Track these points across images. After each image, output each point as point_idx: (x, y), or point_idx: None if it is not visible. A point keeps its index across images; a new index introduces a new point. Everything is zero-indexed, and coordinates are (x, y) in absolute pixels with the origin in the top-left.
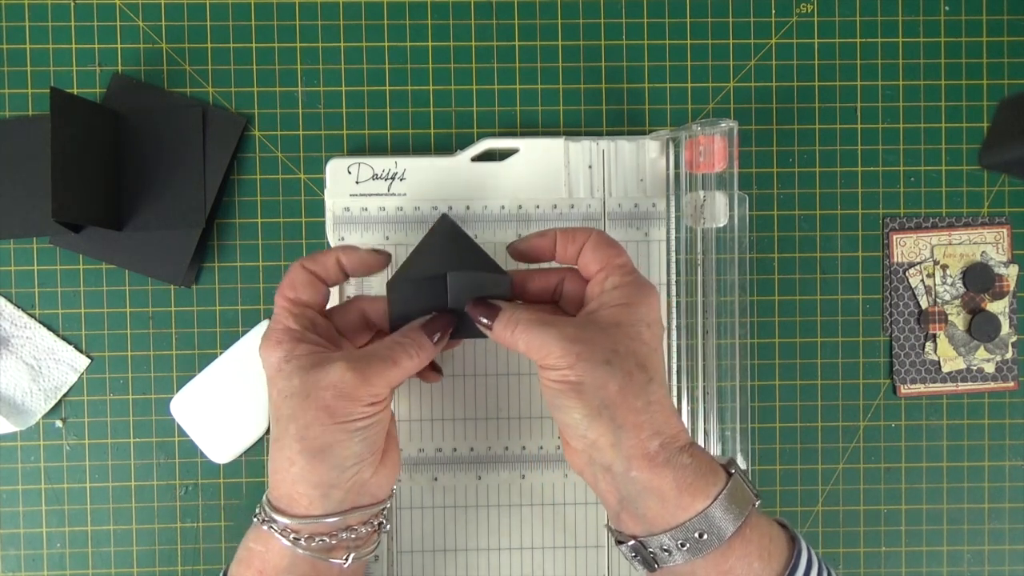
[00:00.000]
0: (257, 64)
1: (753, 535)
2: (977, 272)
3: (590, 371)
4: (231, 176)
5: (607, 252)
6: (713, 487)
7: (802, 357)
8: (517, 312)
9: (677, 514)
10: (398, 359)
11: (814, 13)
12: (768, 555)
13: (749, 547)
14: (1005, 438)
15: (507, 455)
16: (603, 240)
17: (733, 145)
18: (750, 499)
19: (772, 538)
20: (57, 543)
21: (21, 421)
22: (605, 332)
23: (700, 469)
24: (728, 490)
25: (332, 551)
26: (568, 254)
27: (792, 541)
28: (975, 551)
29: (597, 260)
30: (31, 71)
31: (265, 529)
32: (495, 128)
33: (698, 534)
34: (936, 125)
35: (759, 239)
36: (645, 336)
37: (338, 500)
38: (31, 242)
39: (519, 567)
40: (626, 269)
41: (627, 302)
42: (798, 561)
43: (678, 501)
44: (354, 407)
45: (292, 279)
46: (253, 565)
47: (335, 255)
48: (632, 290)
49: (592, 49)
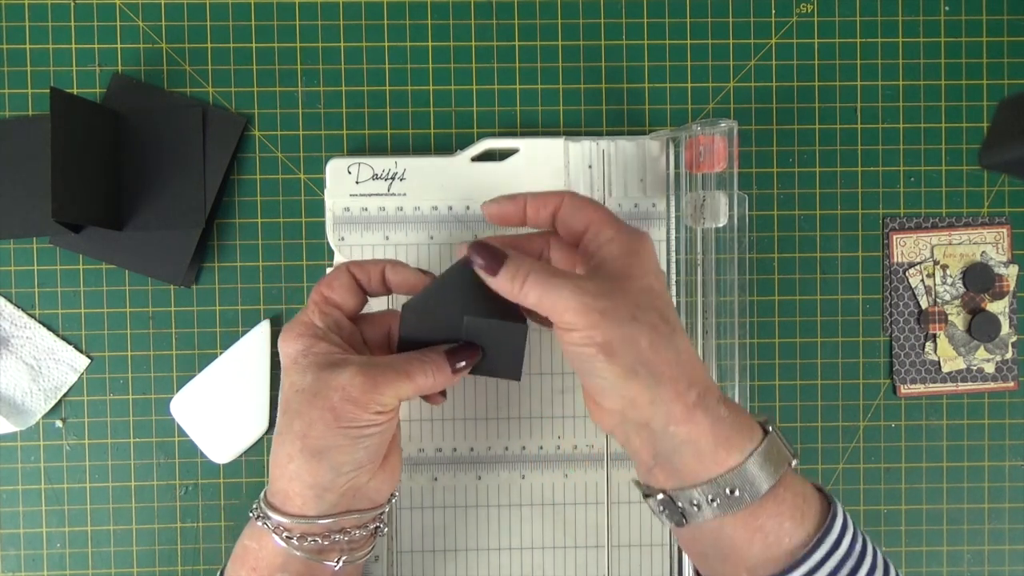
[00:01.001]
0: (257, 64)
1: (787, 494)
2: (977, 272)
3: (617, 329)
4: (231, 176)
5: (588, 209)
6: (749, 443)
7: (802, 357)
8: (526, 262)
9: (711, 468)
10: (413, 375)
11: (814, 13)
12: (801, 515)
13: (782, 506)
14: (1005, 438)
15: (507, 455)
16: (580, 199)
17: (733, 145)
18: (786, 457)
19: (806, 498)
20: (57, 543)
21: (21, 421)
22: (620, 288)
23: (737, 423)
24: (764, 447)
25: (324, 552)
26: (541, 218)
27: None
28: (975, 551)
29: (580, 219)
30: (31, 71)
31: (259, 525)
32: (495, 128)
33: (729, 490)
34: (936, 125)
35: (759, 239)
36: (656, 286)
37: (331, 503)
38: (31, 242)
39: (519, 567)
40: (614, 219)
41: (628, 252)
42: (832, 524)
43: (714, 455)
44: (360, 414)
45: (332, 278)
46: (247, 563)
47: (382, 267)
48: (630, 238)
49: (592, 49)
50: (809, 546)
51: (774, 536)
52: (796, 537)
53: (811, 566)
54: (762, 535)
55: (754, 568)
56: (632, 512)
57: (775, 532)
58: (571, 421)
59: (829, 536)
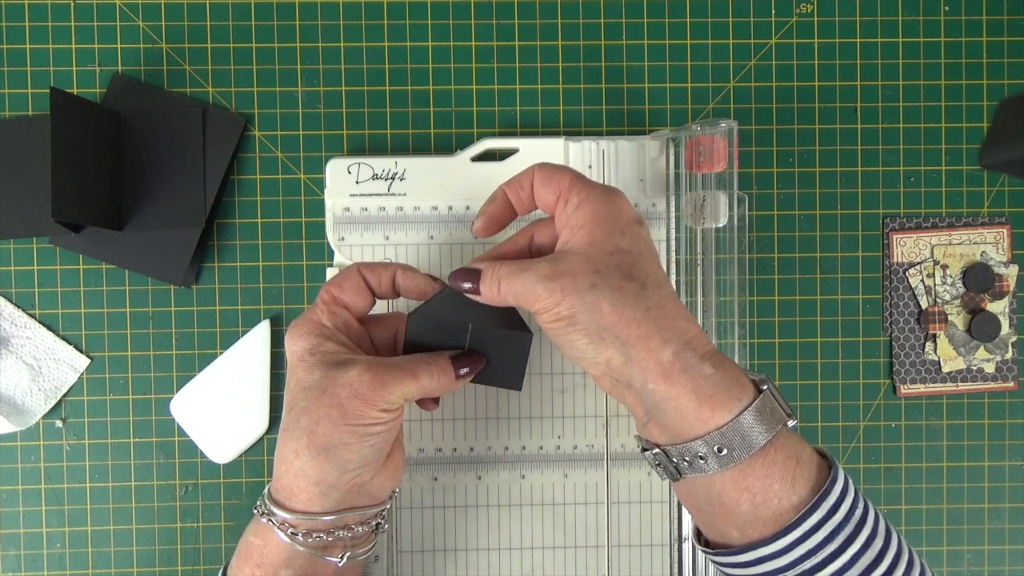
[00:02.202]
0: (257, 64)
1: (778, 455)
2: (977, 272)
3: (578, 302)
4: (231, 176)
5: (554, 179)
6: (738, 401)
7: (802, 357)
8: (496, 269)
9: (696, 427)
10: (419, 375)
11: (814, 13)
12: (792, 478)
13: (771, 467)
14: (1005, 438)
15: (507, 455)
16: (546, 171)
17: (733, 145)
18: (781, 418)
19: (801, 462)
20: (57, 543)
21: (21, 421)
22: (583, 256)
23: (724, 381)
24: (755, 406)
25: (328, 549)
26: (524, 202)
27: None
28: (975, 551)
29: (549, 191)
30: (31, 71)
31: (264, 522)
32: (495, 128)
33: (717, 448)
34: (936, 125)
35: (759, 239)
36: (623, 244)
37: (336, 499)
38: (31, 242)
39: (519, 567)
40: (579, 184)
41: (593, 217)
42: (829, 489)
43: (698, 413)
44: (367, 411)
45: (343, 279)
46: (252, 559)
47: (393, 271)
48: (594, 204)
49: (592, 49)
50: (803, 511)
51: (762, 497)
52: (787, 500)
53: (803, 531)
54: (749, 495)
55: (743, 527)
56: (632, 512)
57: (763, 493)
58: (571, 421)
59: (825, 501)
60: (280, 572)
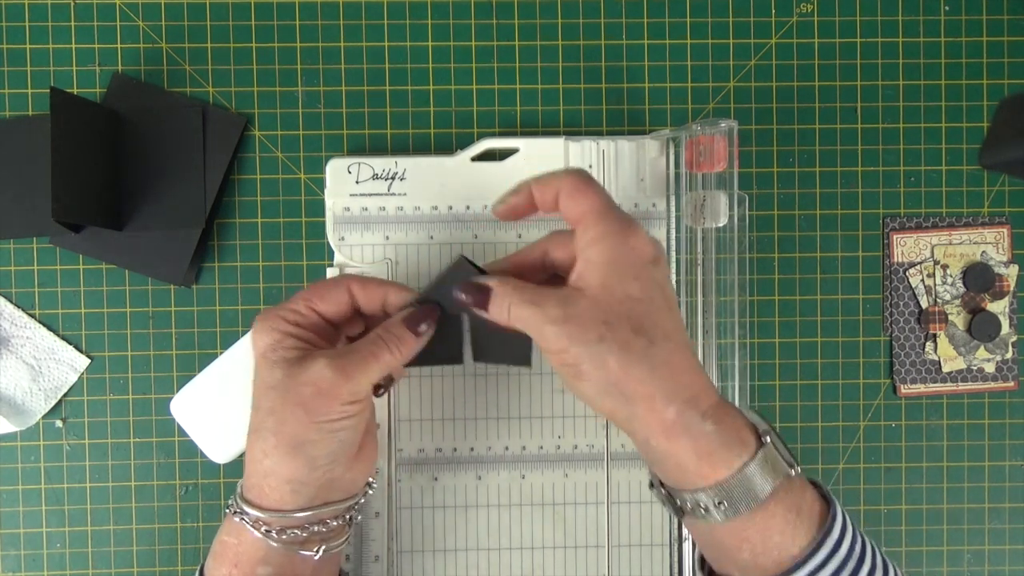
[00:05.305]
0: (257, 64)
1: (779, 508)
2: (977, 272)
3: (585, 353)
4: (231, 176)
5: (582, 200)
6: (738, 458)
7: (802, 357)
8: (508, 292)
9: (696, 481)
10: (379, 353)
11: (814, 13)
12: (793, 531)
13: (772, 520)
14: (1005, 438)
15: (507, 455)
16: (576, 184)
17: (733, 145)
18: (783, 470)
19: (801, 512)
20: (57, 543)
21: (21, 421)
22: (593, 302)
23: (724, 437)
24: (756, 461)
25: (304, 544)
26: (547, 203)
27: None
28: (975, 551)
29: (575, 210)
30: (31, 71)
31: (237, 521)
32: (495, 128)
33: (718, 501)
34: (936, 125)
35: (759, 239)
36: (635, 291)
37: (309, 496)
38: (31, 242)
39: (519, 567)
40: (601, 214)
41: (608, 258)
42: (823, 540)
43: (698, 470)
44: (332, 405)
45: (327, 292)
46: (227, 558)
47: (385, 291)
48: (611, 243)
49: (592, 49)
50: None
51: (761, 547)
52: (786, 551)
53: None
54: (749, 545)
55: (744, 570)
56: (632, 512)
57: (762, 544)
58: (571, 421)
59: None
60: (257, 570)
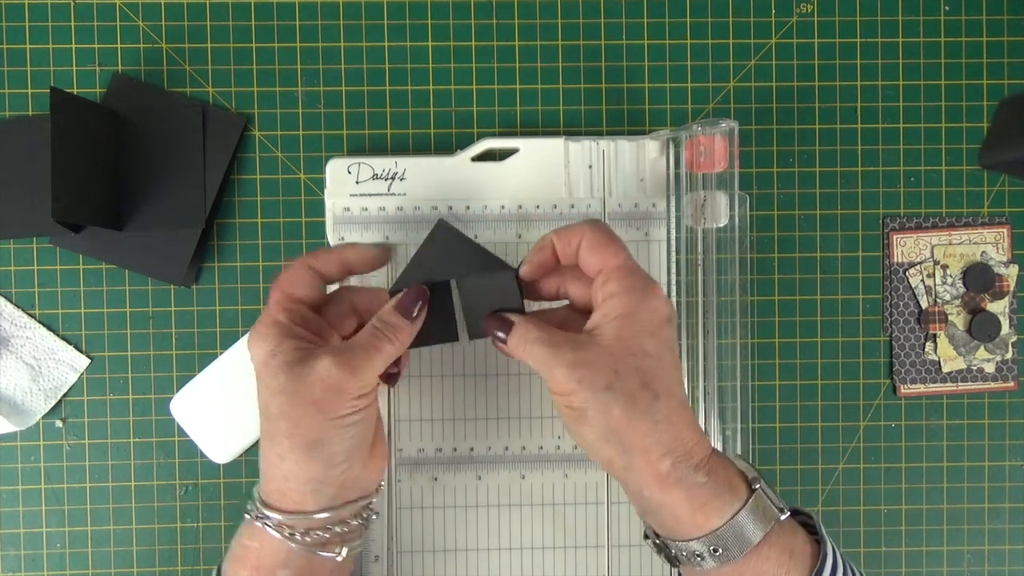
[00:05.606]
0: (257, 64)
1: (771, 552)
2: (977, 272)
3: (592, 399)
4: (231, 176)
5: (603, 253)
6: (729, 507)
7: (802, 357)
8: (528, 330)
9: (691, 531)
10: (380, 344)
11: (814, 13)
12: (786, 572)
13: (765, 564)
14: (1005, 438)
15: (507, 455)
16: (599, 238)
17: (733, 145)
18: (773, 515)
19: (794, 555)
20: (57, 543)
21: (21, 421)
22: (607, 351)
23: (717, 488)
24: (748, 508)
25: (326, 545)
26: (568, 256)
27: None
28: (975, 551)
29: (594, 262)
30: (31, 71)
31: (258, 525)
32: (495, 128)
33: (712, 548)
34: (936, 125)
35: (759, 239)
36: (649, 347)
37: (329, 496)
38: (31, 242)
39: (519, 567)
40: (623, 271)
41: (626, 312)
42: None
43: (692, 519)
44: (343, 401)
45: (293, 276)
46: (249, 562)
47: (338, 253)
48: (631, 299)
49: (592, 49)
50: None
51: None
52: None
53: None
54: None
55: None
56: (632, 512)
57: None
58: None
59: None
60: (278, 572)
